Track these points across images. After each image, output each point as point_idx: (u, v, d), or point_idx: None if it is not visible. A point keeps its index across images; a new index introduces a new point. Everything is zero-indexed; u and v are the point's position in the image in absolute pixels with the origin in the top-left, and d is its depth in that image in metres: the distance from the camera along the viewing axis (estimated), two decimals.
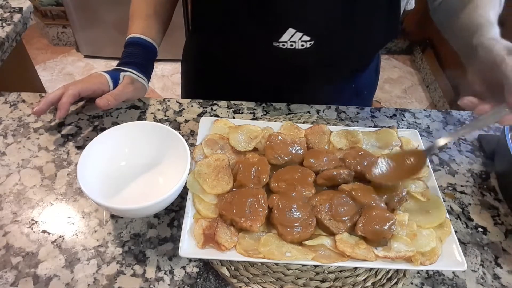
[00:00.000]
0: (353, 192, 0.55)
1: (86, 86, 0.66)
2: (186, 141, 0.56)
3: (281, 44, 0.64)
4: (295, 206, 0.53)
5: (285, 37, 0.63)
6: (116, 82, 0.68)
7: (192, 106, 0.74)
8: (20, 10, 0.89)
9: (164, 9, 0.77)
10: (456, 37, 0.65)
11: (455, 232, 0.54)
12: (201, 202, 0.54)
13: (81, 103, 0.72)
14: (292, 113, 0.74)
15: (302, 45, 0.64)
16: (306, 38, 0.63)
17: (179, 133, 0.57)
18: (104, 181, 0.55)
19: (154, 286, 0.50)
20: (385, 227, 0.52)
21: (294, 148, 0.61)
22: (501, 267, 0.55)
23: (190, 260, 0.52)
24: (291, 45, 0.64)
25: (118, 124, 0.60)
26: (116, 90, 0.67)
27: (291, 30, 0.62)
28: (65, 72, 2.31)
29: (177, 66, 2.40)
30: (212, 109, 0.74)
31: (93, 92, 0.66)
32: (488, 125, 0.66)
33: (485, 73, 0.54)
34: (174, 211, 0.57)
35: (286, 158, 0.59)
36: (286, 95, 0.78)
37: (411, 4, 0.68)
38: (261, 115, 0.73)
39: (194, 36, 0.87)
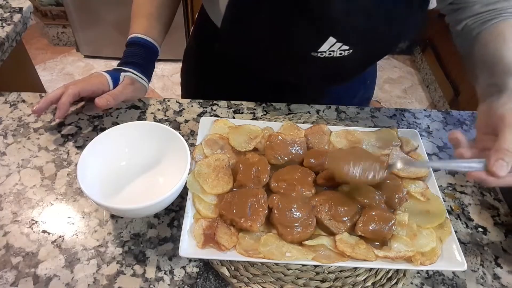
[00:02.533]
0: (353, 192, 0.55)
1: (86, 86, 0.66)
2: (186, 141, 0.56)
3: (319, 54, 0.63)
4: (295, 206, 0.53)
5: (324, 47, 0.61)
6: (116, 82, 0.68)
7: (192, 106, 0.74)
8: (20, 10, 0.89)
9: (167, 9, 0.76)
10: (477, 68, 0.61)
11: (455, 232, 0.54)
12: (201, 202, 0.54)
13: (81, 103, 0.72)
14: (292, 113, 0.74)
15: (341, 54, 0.63)
16: (345, 47, 0.62)
17: (179, 133, 0.57)
18: (104, 181, 0.55)
19: (154, 286, 0.50)
20: (385, 227, 0.52)
21: (294, 148, 0.61)
22: (501, 267, 0.55)
23: (190, 260, 0.52)
24: (329, 54, 0.63)
25: (118, 124, 0.60)
26: (115, 90, 0.67)
27: (331, 40, 0.60)
28: (65, 72, 2.31)
29: (177, 66, 2.40)
30: (212, 109, 0.74)
31: (93, 92, 0.66)
32: (458, 170, 0.62)
33: (489, 119, 0.52)
34: (174, 211, 0.57)
35: (286, 158, 0.59)
36: (301, 92, 0.78)
37: (434, 4, 0.66)
38: (261, 115, 0.73)
39: (204, 37, 0.85)
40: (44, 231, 0.54)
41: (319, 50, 0.62)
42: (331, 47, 0.61)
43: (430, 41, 2.39)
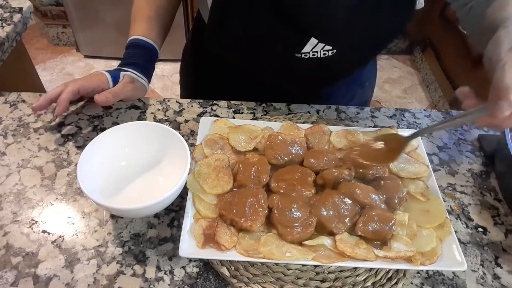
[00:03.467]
0: (353, 192, 0.55)
1: (86, 83, 0.66)
2: (186, 141, 0.56)
3: (303, 55, 0.63)
4: (295, 206, 0.53)
5: (307, 48, 0.62)
6: (116, 81, 0.68)
7: (192, 106, 0.74)
8: (20, 10, 0.89)
9: (166, 12, 0.77)
10: (482, 37, 0.60)
11: (455, 232, 0.54)
12: (201, 202, 0.54)
13: (81, 103, 0.72)
14: (292, 113, 0.74)
15: (324, 54, 0.64)
16: (328, 47, 0.63)
17: (179, 133, 0.57)
18: (104, 181, 0.55)
19: (154, 286, 0.50)
20: (385, 227, 0.52)
21: (294, 148, 0.61)
22: (501, 267, 0.55)
23: (190, 260, 0.52)
24: (313, 55, 0.63)
25: (118, 124, 0.60)
26: (115, 88, 0.67)
27: (313, 41, 0.61)
28: (65, 72, 2.31)
29: (177, 66, 2.38)
30: (212, 109, 0.74)
31: (93, 90, 0.66)
32: (468, 122, 0.63)
33: (488, 69, 0.51)
34: (174, 211, 0.57)
35: (286, 158, 0.59)
36: (295, 94, 0.78)
37: (421, 3, 0.66)
38: (261, 115, 0.73)
39: (200, 37, 0.85)
40: (44, 231, 0.54)
41: (302, 51, 0.63)
42: (314, 47, 0.62)
43: (430, 41, 2.39)
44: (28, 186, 0.59)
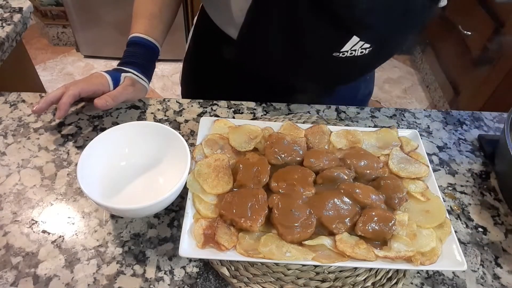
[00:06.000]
0: (353, 192, 0.55)
1: (87, 86, 0.65)
2: (186, 141, 0.56)
3: (341, 54, 0.62)
4: (295, 206, 0.53)
5: (347, 47, 0.61)
6: (116, 83, 0.68)
7: (192, 106, 0.74)
8: (20, 10, 0.89)
9: (169, 9, 0.76)
10: None
11: (455, 232, 0.54)
12: (201, 202, 0.54)
13: (81, 103, 0.72)
14: (292, 113, 0.74)
15: (362, 52, 0.63)
16: (366, 45, 0.62)
17: (179, 133, 0.57)
18: (104, 181, 0.55)
19: (154, 286, 0.50)
20: (385, 227, 0.52)
21: (294, 148, 0.61)
22: (501, 267, 0.55)
23: (190, 260, 0.52)
24: (351, 53, 0.63)
25: (118, 124, 0.60)
26: (115, 91, 0.67)
27: (354, 39, 0.60)
28: (65, 72, 2.31)
29: (177, 66, 2.40)
30: (212, 109, 0.74)
31: (94, 92, 0.66)
32: None
33: None
34: (174, 211, 0.57)
35: (286, 158, 0.59)
36: (305, 93, 0.78)
37: (444, 1, 0.67)
38: (261, 115, 0.73)
39: (203, 43, 0.85)
40: (44, 231, 0.54)
41: (341, 50, 0.62)
42: (353, 46, 0.61)
43: (430, 41, 2.39)
44: (28, 186, 0.59)
